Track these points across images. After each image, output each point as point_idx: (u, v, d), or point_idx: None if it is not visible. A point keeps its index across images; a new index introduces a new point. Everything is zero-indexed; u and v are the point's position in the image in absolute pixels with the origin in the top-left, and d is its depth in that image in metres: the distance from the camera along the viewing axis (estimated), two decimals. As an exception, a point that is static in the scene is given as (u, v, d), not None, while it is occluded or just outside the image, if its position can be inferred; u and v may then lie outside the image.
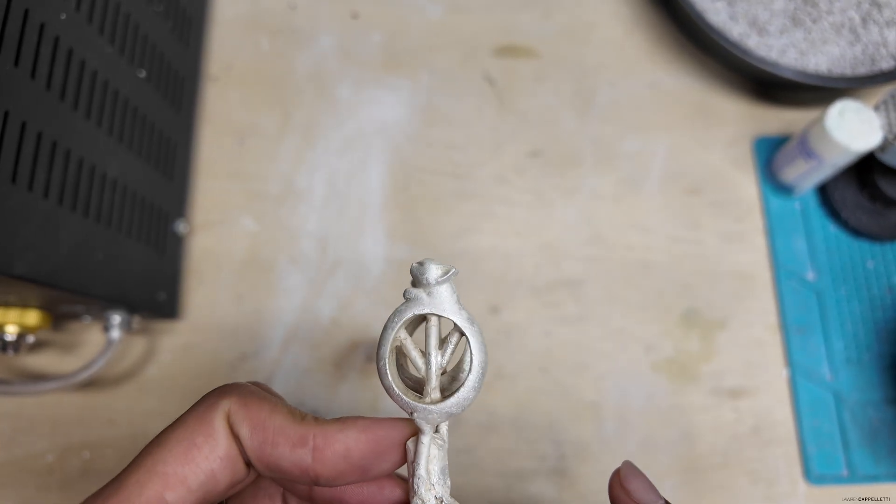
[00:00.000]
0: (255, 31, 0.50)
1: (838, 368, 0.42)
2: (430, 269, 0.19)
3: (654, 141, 0.47)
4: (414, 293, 0.20)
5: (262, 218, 0.45)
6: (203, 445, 0.18)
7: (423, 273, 0.19)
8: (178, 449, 0.18)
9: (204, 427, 0.18)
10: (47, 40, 0.28)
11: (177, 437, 0.18)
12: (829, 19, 0.46)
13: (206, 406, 0.19)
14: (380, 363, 0.19)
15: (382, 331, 0.20)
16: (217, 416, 0.18)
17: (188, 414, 0.19)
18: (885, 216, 0.43)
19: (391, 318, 0.20)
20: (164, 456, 0.18)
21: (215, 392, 0.19)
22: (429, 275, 0.19)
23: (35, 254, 0.27)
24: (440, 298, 0.19)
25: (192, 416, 0.19)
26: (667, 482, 0.40)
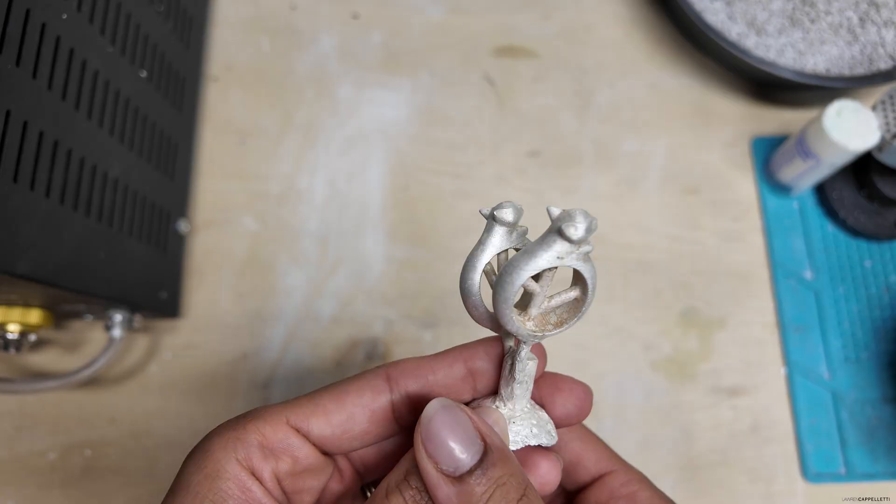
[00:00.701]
0: (255, 32, 0.50)
1: (836, 367, 0.42)
2: (585, 223, 0.17)
3: (652, 141, 0.48)
4: (562, 243, 0.18)
5: (262, 217, 0.45)
6: (353, 392, 0.22)
7: (579, 225, 0.17)
8: (334, 392, 0.22)
9: (360, 382, 0.22)
10: (49, 40, 0.28)
11: (337, 385, 0.22)
12: (828, 19, 0.46)
13: (370, 370, 0.22)
14: (508, 293, 0.19)
15: (519, 263, 0.18)
16: (376, 378, 0.22)
17: (354, 375, 0.22)
18: (882, 215, 0.43)
19: (536, 251, 0.18)
20: (323, 393, 0.22)
21: (379, 365, 0.23)
22: (584, 231, 0.17)
23: (37, 253, 0.28)
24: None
25: (356, 375, 0.22)
26: (665, 480, 0.40)
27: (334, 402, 0.21)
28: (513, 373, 0.21)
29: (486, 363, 0.22)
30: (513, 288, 0.18)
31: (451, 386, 0.22)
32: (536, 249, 0.18)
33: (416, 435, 0.19)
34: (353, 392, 0.22)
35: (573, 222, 0.17)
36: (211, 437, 0.21)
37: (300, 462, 0.21)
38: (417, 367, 0.22)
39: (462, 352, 0.22)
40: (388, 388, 0.22)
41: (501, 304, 0.19)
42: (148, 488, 0.40)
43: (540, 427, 0.22)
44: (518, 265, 0.18)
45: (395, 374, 0.22)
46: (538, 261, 0.18)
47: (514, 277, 0.18)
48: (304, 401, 0.21)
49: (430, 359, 0.22)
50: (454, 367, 0.22)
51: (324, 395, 0.22)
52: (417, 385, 0.22)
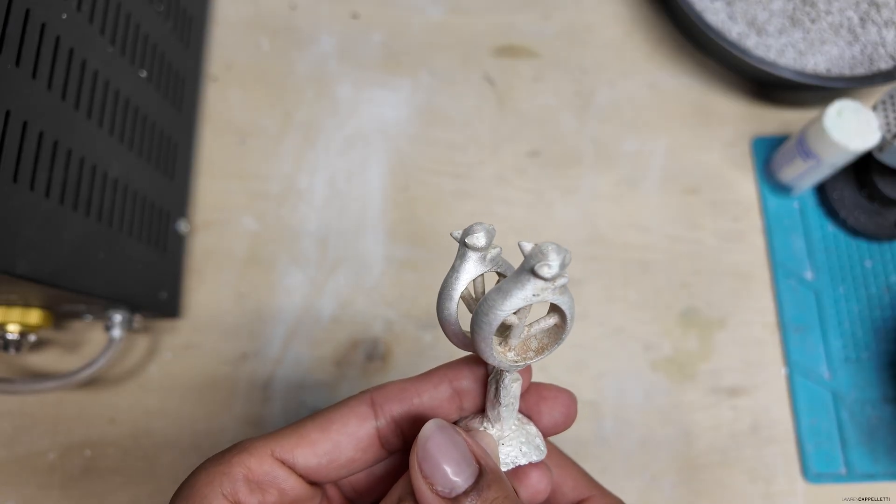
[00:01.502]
0: (255, 31, 0.50)
1: (836, 367, 0.42)
2: (558, 260, 0.17)
3: (652, 141, 0.48)
4: (540, 282, 0.18)
5: (262, 217, 0.45)
6: (338, 421, 0.22)
7: (552, 263, 0.17)
8: (319, 421, 0.21)
9: (344, 409, 0.22)
10: (48, 40, 0.28)
11: (322, 413, 0.22)
12: (828, 19, 0.46)
13: (353, 397, 0.22)
14: (486, 332, 0.19)
15: (495, 302, 0.18)
16: (360, 404, 0.22)
17: (339, 402, 0.22)
18: (882, 215, 0.43)
19: (511, 291, 0.18)
20: (307, 423, 0.21)
21: (363, 391, 0.23)
22: (557, 268, 0.17)
23: (37, 253, 0.28)
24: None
25: (340, 403, 0.22)
26: (665, 480, 0.40)
27: (318, 432, 0.21)
28: (498, 397, 0.21)
29: (472, 382, 0.22)
30: (490, 328, 0.18)
31: (437, 407, 0.22)
32: (511, 289, 0.18)
33: (412, 456, 0.19)
34: (337, 420, 0.22)
35: (546, 261, 0.17)
36: (196, 474, 0.21)
37: (287, 494, 0.21)
38: (402, 390, 0.22)
39: (447, 372, 0.22)
40: (373, 414, 0.22)
41: (480, 342, 0.19)
42: (148, 488, 0.40)
43: (528, 444, 0.22)
44: (494, 306, 0.18)
45: (379, 399, 0.22)
46: (513, 300, 0.18)
47: (490, 318, 0.18)
48: (289, 432, 0.21)
49: (414, 381, 0.22)
50: (439, 388, 0.22)
51: (307, 424, 0.21)
52: (402, 408, 0.22)
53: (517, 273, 0.18)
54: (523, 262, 0.18)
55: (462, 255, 0.20)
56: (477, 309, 0.19)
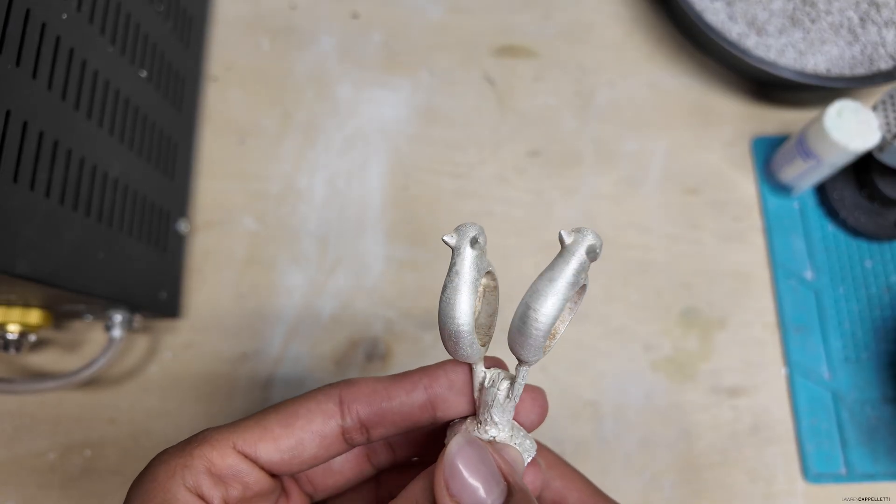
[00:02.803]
0: (255, 31, 0.50)
1: (836, 367, 0.42)
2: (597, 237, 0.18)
3: (653, 141, 0.48)
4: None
5: (262, 217, 0.45)
6: (301, 417, 0.21)
7: (598, 243, 0.18)
8: (283, 415, 0.21)
9: (310, 404, 0.21)
10: (49, 40, 0.28)
11: (286, 406, 0.21)
12: (828, 19, 0.46)
13: (321, 391, 0.22)
14: (544, 327, 0.19)
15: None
16: (327, 400, 0.21)
17: (305, 394, 0.22)
18: (883, 215, 0.43)
19: (563, 277, 0.18)
20: (271, 416, 0.21)
21: (332, 384, 0.22)
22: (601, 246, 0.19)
23: (37, 253, 0.28)
24: None
25: (307, 396, 0.22)
26: (665, 480, 0.40)
27: (282, 427, 0.21)
28: (511, 398, 0.21)
29: (449, 391, 0.21)
30: (551, 322, 0.18)
31: (408, 414, 0.21)
32: (562, 275, 0.18)
33: (438, 472, 0.18)
34: (302, 416, 0.21)
35: (596, 243, 0.18)
36: (155, 466, 0.20)
37: (251, 488, 0.21)
38: (373, 392, 0.21)
39: (422, 377, 0.22)
40: (340, 412, 0.21)
41: (539, 339, 0.19)
42: (148, 488, 0.40)
43: (522, 443, 0.22)
44: (555, 294, 0.18)
45: (347, 397, 0.21)
46: (569, 286, 0.18)
47: (551, 310, 0.18)
48: (252, 424, 0.21)
49: (387, 383, 0.22)
50: (413, 394, 0.21)
51: (271, 418, 0.21)
52: (370, 411, 0.21)
53: (563, 261, 0.18)
54: (569, 247, 0.18)
55: (464, 257, 0.19)
56: (529, 307, 0.18)
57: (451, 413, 0.22)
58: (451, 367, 0.22)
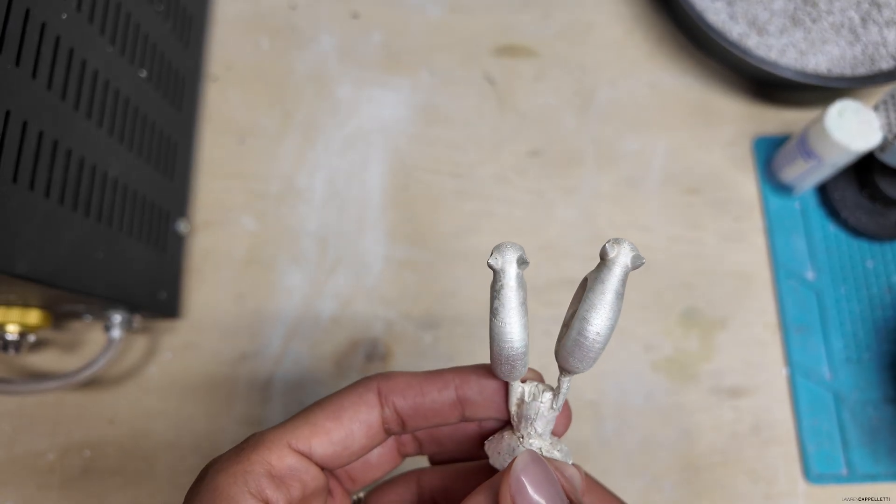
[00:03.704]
0: (255, 31, 0.50)
1: (838, 367, 0.42)
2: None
3: (653, 140, 0.47)
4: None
5: (262, 217, 0.45)
6: (348, 409, 0.22)
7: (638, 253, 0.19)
8: (329, 409, 0.22)
9: (353, 397, 0.22)
10: (48, 40, 0.28)
11: (330, 401, 0.22)
12: (829, 19, 0.46)
13: (361, 383, 0.22)
14: (602, 343, 0.20)
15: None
16: (367, 392, 0.22)
17: (344, 389, 0.22)
18: (884, 216, 0.43)
19: (613, 291, 0.19)
20: (318, 412, 0.22)
21: (368, 377, 0.23)
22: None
23: (36, 253, 0.28)
24: None
25: (347, 389, 0.22)
26: (666, 481, 0.40)
27: (332, 421, 0.21)
28: (556, 406, 0.22)
29: (477, 394, 0.22)
30: (610, 333, 0.19)
31: (439, 410, 0.22)
32: (613, 290, 0.19)
33: (504, 489, 0.19)
34: (349, 408, 0.22)
35: (636, 251, 0.19)
36: (214, 475, 0.20)
37: (308, 485, 0.21)
38: (408, 386, 0.22)
39: (454, 377, 0.22)
40: (380, 403, 0.22)
41: (598, 352, 0.19)
42: (147, 489, 0.40)
43: (562, 450, 0.22)
44: (613, 310, 0.19)
45: (385, 389, 0.22)
46: (620, 297, 0.19)
47: (611, 323, 0.19)
48: (300, 422, 0.21)
49: (420, 379, 0.22)
50: (444, 392, 0.22)
51: (318, 413, 0.21)
52: (406, 404, 0.22)
53: (611, 274, 0.19)
54: (614, 259, 0.19)
55: (510, 278, 0.19)
56: (589, 321, 0.19)
57: (478, 415, 0.23)
58: (483, 373, 0.22)
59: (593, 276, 0.19)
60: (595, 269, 0.19)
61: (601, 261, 0.19)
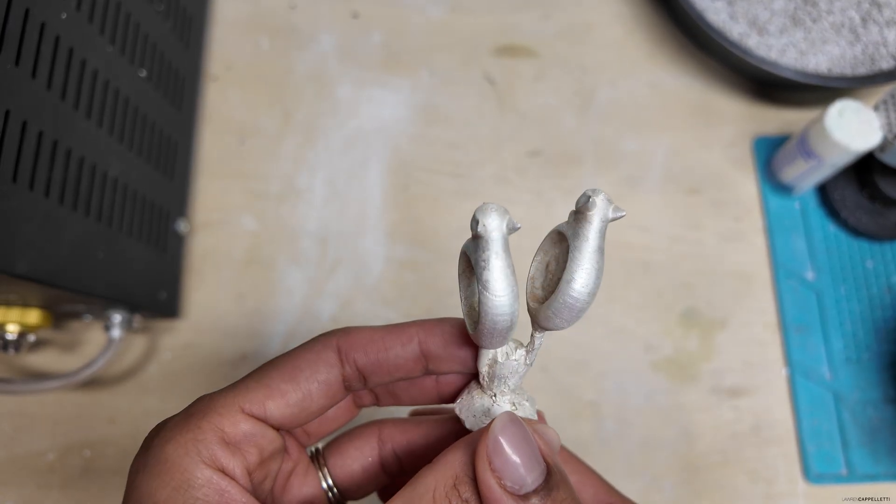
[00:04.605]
0: (255, 31, 0.50)
1: (837, 367, 0.42)
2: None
3: (653, 140, 0.47)
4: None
5: (262, 217, 0.45)
6: (305, 369, 0.21)
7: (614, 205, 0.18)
8: (285, 369, 0.21)
9: (310, 355, 0.21)
10: (48, 40, 0.28)
11: (285, 361, 0.21)
12: (829, 19, 0.46)
13: (318, 340, 0.22)
14: (588, 301, 0.19)
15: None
16: (326, 350, 0.21)
17: (301, 347, 0.22)
18: (884, 216, 0.43)
19: (594, 247, 0.18)
20: (272, 373, 0.21)
21: (326, 333, 0.22)
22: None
23: (36, 253, 0.28)
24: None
25: (304, 347, 0.22)
26: (666, 481, 0.40)
27: (289, 382, 0.21)
28: (529, 363, 0.21)
29: (441, 348, 0.22)
30: (595, 290, 0.18)
31: (402, 365, 0.22)
32: (593, 245, 0.18)
33: (481, 447, 0.18)
34: (306, 368, 0.21)
35: (604, 198, 0.18)
36: (162, 445, 0.19)
37: (266, 449, 0.20)
38: (370, 341, 0.22)
39: (418, 331, 0.22)
40: (339, 361, 0.21)
41: (583, 310, 0.19)
42: (147, 489, 0.40)
43: (531, 403, 0.22)
44: (597, 265, 0.18)
45: (345, 346, 0.21)
46: (602, 255, 0.18)
47: (596, 280, 0.18)
48: (253, 384, 0.20)
49: (382, 333, 0.22)
50: (407, 346, 0.22)
51: (273, 374, 0.21)
52: (367, 360, 0.22)
53: (590, 228, 0.18)
54: (590, 215, 0.18)
55: (500, 243, 0.18)
56: (574, 279, 0.18)
57: (442, 369, 0.22)
58: (444, 324, 0.22)
59: (573, 233, 0.18)
60: (572, 224, 0.18)
61: (579, 214, 0.18)
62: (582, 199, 0.18)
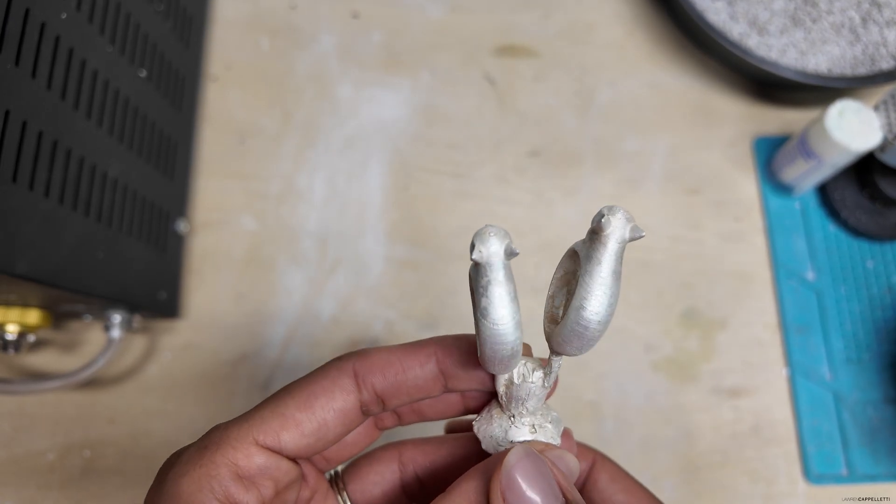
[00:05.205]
0: (255, 31, 0.50)
1: (838, 368, 0.42)
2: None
3: (654, 141, 0.47)
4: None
5: (262, 217, 0.45)
6: (321, 396, 0.20)
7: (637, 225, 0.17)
8: (300, 397, 0.20)
9: (326, 382, 0.21)
10: (48, 40, 0.28)
11: (300, 388, 0.20)
12: (829, 19, 0.46)
13: (333, 366, 0.21)
14: (603, 328, 0.18)
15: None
16: (342, 376, 0.21)
17: (316, 372, 0.21)
18: (884, 216, 0.43)
19: (611, 269, 0.17)
20: (287, 401, 0.20)
21: (342, 357, 0.22)
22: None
23: (36, 253, 0.27)
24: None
25: (319, 373, 0.21)
26: (666, 481, 0.40)
27: (302, 411, 0.20)
28: (547, 385, 0.20)
29: (460, 368, 0.21)
30: (610, 317, 0.17)
31: (422, 386, 0.21)
32: (611, 271, 0.17)
33: (495, 482, 0.18)
34: (321, 396, 0.20)
35: (625, 217, 0.16)
36: (177, 480, 0.19)
37: (281, 481, 0.20)
38: (387, 363, 0.21)
39: (436, 350, 0.21)
40: (356, 387, 0.21)
41: (598, 337, 0.18)
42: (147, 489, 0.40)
43: (552, 417, 0.21)
44: (611, 291, 0.17)
45: (362, 370, 0.21)
46: (618, 279, 0.17)
47: (610, 307, 0.17)
48: (268, 413, 0.20)
49: (400, 354, 0.21)
50: (426, 366, 0.21)
51: (289, 403, 0.20)
52: (385, 383, 0.21)
53: (606, 251, 0.17)
54: (608, 234, 0.17)
55: (499, 270, 0.17)
56: (586, 307, 0.17)
57: (461, 387, 0.22)
58: (461, 341, 0.21)
59: (586, 254, 0.17)
60: (587, 245, 0.17)
61: (594, 234, 0.17)
62: (597, 217, 0.17)
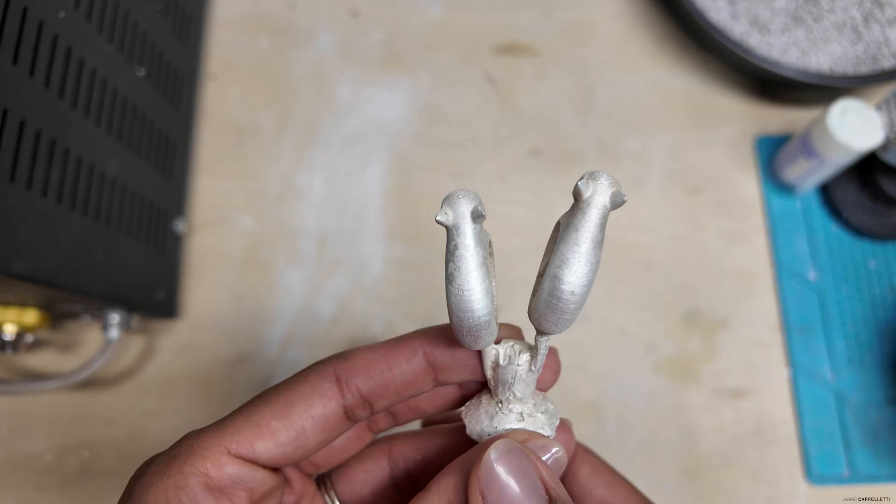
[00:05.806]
0: (254, 30, 0.49)
1: (840, 368, 0.42)
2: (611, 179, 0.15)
3: (655, 140, 0.47)
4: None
5: (261, 217, 0.45)
6: (298, 404, 0.19)
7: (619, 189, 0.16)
8: (276, 405, 0.19)
9: (304, 388, 0.19)
10: (46, 38, 0.28)
11: (277, 394, 0.19)
12: (831, 18, 0.45)
13: (313, 370, 0.20)
14: (584, 297, 0.17)
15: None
16: (322, 381, 0.20)
17: (294, 378, 0.20)
18: (886, 216, 0.43)
19: (592, 238, 0.16)
20: (263, 409, 0.19)
21: (322, 361, 0.20)
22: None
23: (34, 252, 0.27)
24: None
25: (298, 378, 0.20)
26: (667, 483, 0.40)
27: (279, 419, 0.19)
28: (535, 368, 0.19)
29: (450, 359, 0.20)
30: (587, 290, 0.16)
31: (410, 382, 0.20)
32: (590, 240, 0.15)
33: (473, 479, 0.17)
34: (298, 403, 0.19)
35: (609, 181, 0.15)
36: (143, 491, 0.17)
37: (257, 491, 0.19)
38: (371, 363, 0.20)
39: (422, 342, 0.20)
40: (339, 391, 0.19)
41: (575, 311, 0.17)
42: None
43: (547, 409, 0.20)
44: (589, 262, 0.16)
45: (344, 373, 0.20)
46: (598, 250, 0.16)
47: (588, 279, 0.16)
48: (241, 422, 0.19)
49: (384, 351, 0.20)
50: (413, 360, 0.20)
51: (264, 410, 0.19)
52: (371, 384, 0.20)
53: (585, 217, 0.16)
54: (588, 199, 0.15)
55: (467, 234, 0.16)
56: (561, 278, 0.16)
57: (453, 379, 0.21)
58: (448, 331, 0.20)
59: (566, 222, 0.16)
60: (567, 213, 0.16)
61: (574, 202, 0.16)
62: (579, 184, 0.16)
